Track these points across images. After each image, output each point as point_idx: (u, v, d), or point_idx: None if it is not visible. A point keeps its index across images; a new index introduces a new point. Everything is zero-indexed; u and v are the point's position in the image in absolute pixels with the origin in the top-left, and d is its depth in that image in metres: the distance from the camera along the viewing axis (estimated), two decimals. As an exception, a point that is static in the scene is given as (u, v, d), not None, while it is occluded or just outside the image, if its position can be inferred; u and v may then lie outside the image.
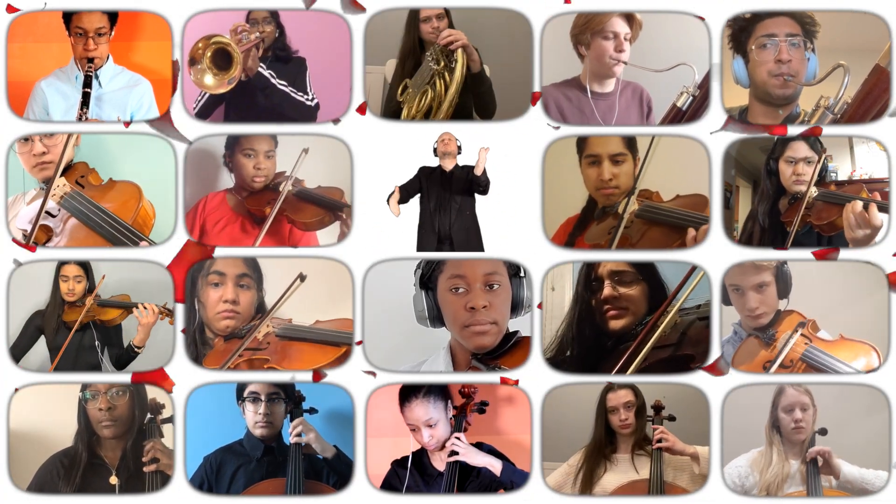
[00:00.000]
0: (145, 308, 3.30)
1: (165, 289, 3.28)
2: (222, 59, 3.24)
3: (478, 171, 3.26)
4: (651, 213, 3.31)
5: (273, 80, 3.37)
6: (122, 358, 3.34)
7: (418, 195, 3.33)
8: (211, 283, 3.32)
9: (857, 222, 3.18)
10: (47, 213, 3.29)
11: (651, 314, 3.24)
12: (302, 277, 3.24)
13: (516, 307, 3.23)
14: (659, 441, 3.25)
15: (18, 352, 3.30)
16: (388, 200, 3.29)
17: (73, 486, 3.24)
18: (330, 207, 3.38)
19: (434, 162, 3.33)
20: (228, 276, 3.32)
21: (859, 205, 3.19)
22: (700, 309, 3.26)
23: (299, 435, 3.22)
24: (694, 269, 3.22)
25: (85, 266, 3.33)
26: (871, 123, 3.22)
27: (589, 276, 3.30)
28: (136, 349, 3.33)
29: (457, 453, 3.17)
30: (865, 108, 3.20)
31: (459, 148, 3.29)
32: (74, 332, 3.33)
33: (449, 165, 3.31)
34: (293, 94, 3.38)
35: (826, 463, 3.22)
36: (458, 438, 3.18)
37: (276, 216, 3.38)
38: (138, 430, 3.29)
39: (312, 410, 3.26)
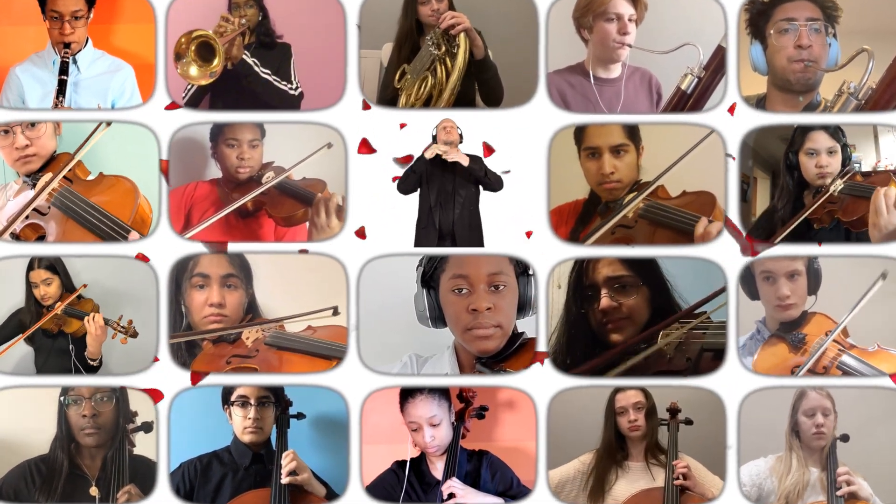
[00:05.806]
0: (101, 323, 3.25)
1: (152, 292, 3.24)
2: (207, 50, 3.21)
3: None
4: (654, 214, 3.25)
5: (256, 68, 3.34)
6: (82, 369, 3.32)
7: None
8: (195, 285, 3.28)
9: (888, 207, 3.12)
10: (36, 210, 3.23)
11: (654, 318, 3.19)
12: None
13: (524, 307, 3.17)
14: (681, 478, 3.18)
15: None
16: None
17: (51, 496, 3.18)
18: (306, 201, 3.33)
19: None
20: (213, 278, 3.27)
21: (893, 190, 3.14)
22: (712, 324, 3.18)
23: (292, 474, 3.14)
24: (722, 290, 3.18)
25: (52, 267, 3.28)
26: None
27: (581, 283, 3.24)
28: (90, 361, 3.28)
29: (454, 496, 3.12)
30: (891, 93, 3.14)
31: (461, 136, 3.22)
32: (49, 336, 3.30)
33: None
34: (276, 83, 3.35)
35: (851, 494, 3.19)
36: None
37: (258, 211, 3.37)
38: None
39: (300, 416, 3.22)
